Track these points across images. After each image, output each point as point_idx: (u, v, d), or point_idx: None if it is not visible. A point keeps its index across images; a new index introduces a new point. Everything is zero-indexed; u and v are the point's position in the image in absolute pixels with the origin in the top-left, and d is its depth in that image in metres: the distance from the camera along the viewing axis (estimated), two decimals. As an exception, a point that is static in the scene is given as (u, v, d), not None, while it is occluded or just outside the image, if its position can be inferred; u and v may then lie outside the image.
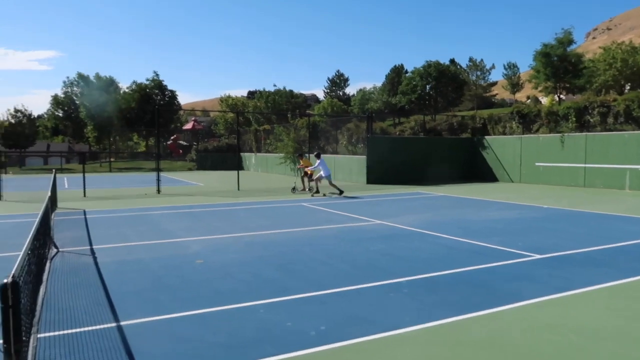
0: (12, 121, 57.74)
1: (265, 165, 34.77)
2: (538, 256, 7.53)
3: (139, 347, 4.16)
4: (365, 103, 78.56)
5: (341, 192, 17.20)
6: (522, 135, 22.70)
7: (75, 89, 60.16)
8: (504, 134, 24.53)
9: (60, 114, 61.47)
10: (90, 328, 4.66)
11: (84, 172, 18.56)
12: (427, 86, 71.13)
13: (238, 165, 23.36)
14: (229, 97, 79.45)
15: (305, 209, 13.62)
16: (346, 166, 24.49)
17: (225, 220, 11.81)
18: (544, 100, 62.00)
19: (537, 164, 21.51)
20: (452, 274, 6.54)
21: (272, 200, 15.99)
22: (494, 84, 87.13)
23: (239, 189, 19.30)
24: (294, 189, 18.45)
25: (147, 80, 57.23)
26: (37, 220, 5.66)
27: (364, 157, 22.83)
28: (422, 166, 23.46)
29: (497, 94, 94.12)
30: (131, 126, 55.04)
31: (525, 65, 58.12)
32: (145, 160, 50.73)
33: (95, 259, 7.54)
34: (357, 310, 5.09)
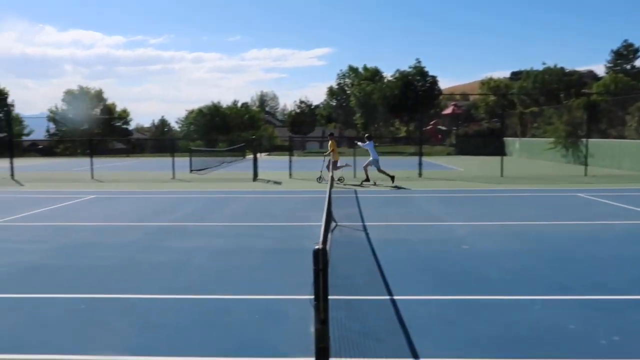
0: (298, 111, 67.44)
1: (531, 150, 32.15)
2: None
3: (413, 323, 4.31)
4: (662, 77, 64.89)
5: (392, 178, 15.53)
6: None
7: (347, 80, 66.49)
8: None
9: (334, 103, 68.83)
10: (367, 297, 5.11)
11: (354, 155, 20.40)
12: None
13: (501, 151, 22.21)
14: (490, 79, 75.98)
15: (580, 200, 12.08)
16: (636, 153, 20.74)
17: (489, 207, 11.39)
18: None
19: None
20: None
21: (539, 188, 14.67)
22: None
23: (502, 175, 18.34)
24: (319, 178, 16.91)
25: (410, 67, 59.16)
26: (327, 196, 6.45)
27: (661, 142, 18.93)
28: None
29: None
30: (394, 112, 57.90)
31: None
32: (406, 144, 52.72)
33: (367, 234, 8.20)
34: (661, 325, 4.26)
